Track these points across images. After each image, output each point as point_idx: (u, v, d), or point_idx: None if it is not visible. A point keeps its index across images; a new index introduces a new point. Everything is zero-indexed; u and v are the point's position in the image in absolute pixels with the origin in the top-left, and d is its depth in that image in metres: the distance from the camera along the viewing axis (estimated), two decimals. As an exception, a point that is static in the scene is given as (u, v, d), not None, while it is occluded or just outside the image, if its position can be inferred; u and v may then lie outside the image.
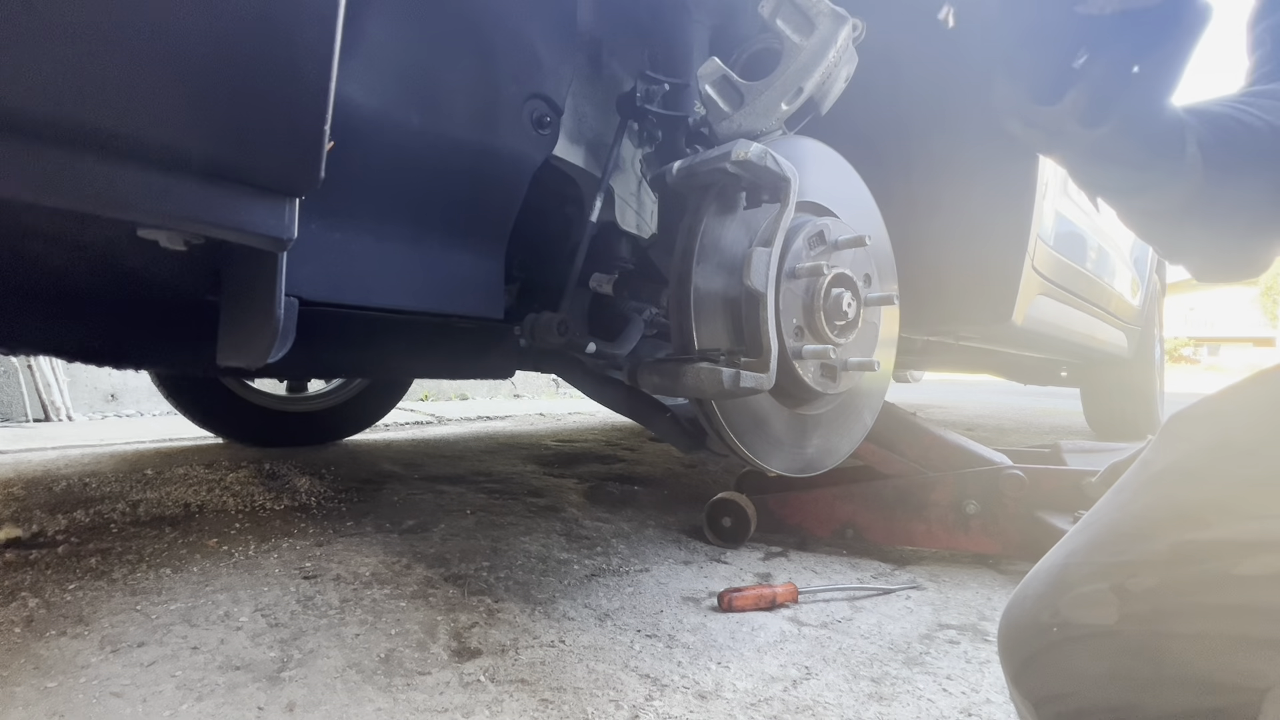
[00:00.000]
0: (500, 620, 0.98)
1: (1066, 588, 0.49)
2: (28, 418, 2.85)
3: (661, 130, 1.03)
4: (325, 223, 0.77)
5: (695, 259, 0.84)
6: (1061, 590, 0.49)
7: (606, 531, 1.45)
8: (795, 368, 0.87)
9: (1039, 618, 0.49)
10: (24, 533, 1.23)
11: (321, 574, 1.11)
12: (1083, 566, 0.49)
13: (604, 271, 1.11)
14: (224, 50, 0.47)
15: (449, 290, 0.89)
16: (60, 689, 0.74)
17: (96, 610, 0.94)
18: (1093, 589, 0.47)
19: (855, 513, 1.39)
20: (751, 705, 0.79)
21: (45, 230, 0.69)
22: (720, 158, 0.82)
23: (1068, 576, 0.49)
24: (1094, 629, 0.46)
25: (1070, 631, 0.47)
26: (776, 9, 0.88)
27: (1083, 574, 0.49)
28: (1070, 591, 0.48)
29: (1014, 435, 3.53)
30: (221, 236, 0.51)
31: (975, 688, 0.86)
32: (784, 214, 0.82)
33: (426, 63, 0.82)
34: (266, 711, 0.72)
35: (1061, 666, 0.48)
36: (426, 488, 1.74)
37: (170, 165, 0.47)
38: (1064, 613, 0.48)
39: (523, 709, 0.75)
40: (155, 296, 0.93)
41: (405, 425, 2.98)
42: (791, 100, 0.88)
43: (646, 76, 0.99)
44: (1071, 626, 0.47)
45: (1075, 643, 0.47)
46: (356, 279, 0.81)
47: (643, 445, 2.66)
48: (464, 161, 0.87)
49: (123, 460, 1.86)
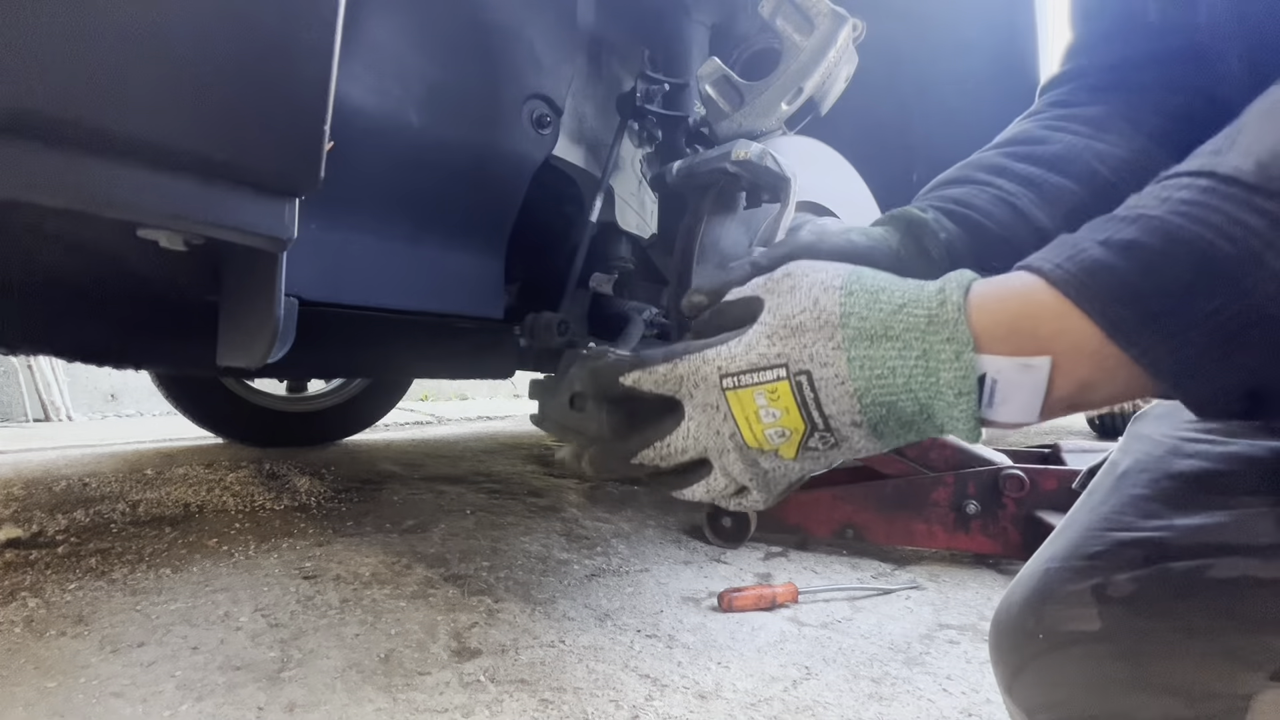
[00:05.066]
0: (500, 620, 0.98)
1: (1049, 594, 0.48)
2: (28, 418, 2.85)
3: (661, 130, 1.04)
4: (325, 223, 0.77)
5: (695, 259, 0.84)
6: (1044, 597, 0.48)
7: (606, 531, 1.45)
8: (795, 368, 0.87)
9: (1025, 625, 0.48)
10: (24, 533, 1.23)
11: (321, 574, 1.11)
12: (1062, 571, 0.48)
13: (604, 271, 1.11)
14: (224, 50, 0.47)
15: (449, 290, 0.89)
16: (60, 689, 0.74)
17: (96, 610, 0.94)
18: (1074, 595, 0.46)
19: (855, 513, 1.39)
20: (751, 705, 0.79)
21: (45, 230, 0.69)
22: (720, 158, 0.82)
23: (1049, 582, 0.48)
24: (1078, 635, 0.45)
25: (1056, 640, 0.46)
26: (776, 9, 0.88)
27: (1063, 578, 0.48)
28: (1053, 597, 0.47)
29: (1014, 435, 3.53)
30: (221, 236, 0.51)
31: (975, 688, 0.86)
32: (784, 214, 0.82)
33: (426, 63, 0.82)
34: (266, 711, 0.72)
35: (1050, 676, 0.47)
36: (426, 488, 1.74)
37: (170, 165, 0.47)
38: (1048, 620, 0.47)
39: (523, 709, 0.75)
40: (155, 297, 0.93)
41: (405, 425, 2.98)
42: (791, 100, 0.88)
43: (646, 76, 0.99)
44: (1056, 634, 0.46)
45: (1061, 651, 0.46)
46: (356, 279, 0.81)
47: (643, 445, 2.66)
48: (464, 161, 0.87)
49: (123, 460, 1.86)
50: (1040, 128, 0.54)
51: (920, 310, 0.34)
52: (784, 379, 0.35)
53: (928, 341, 0.33)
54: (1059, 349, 0.31)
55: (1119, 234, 0.30)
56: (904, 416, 0.34)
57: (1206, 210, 0.28)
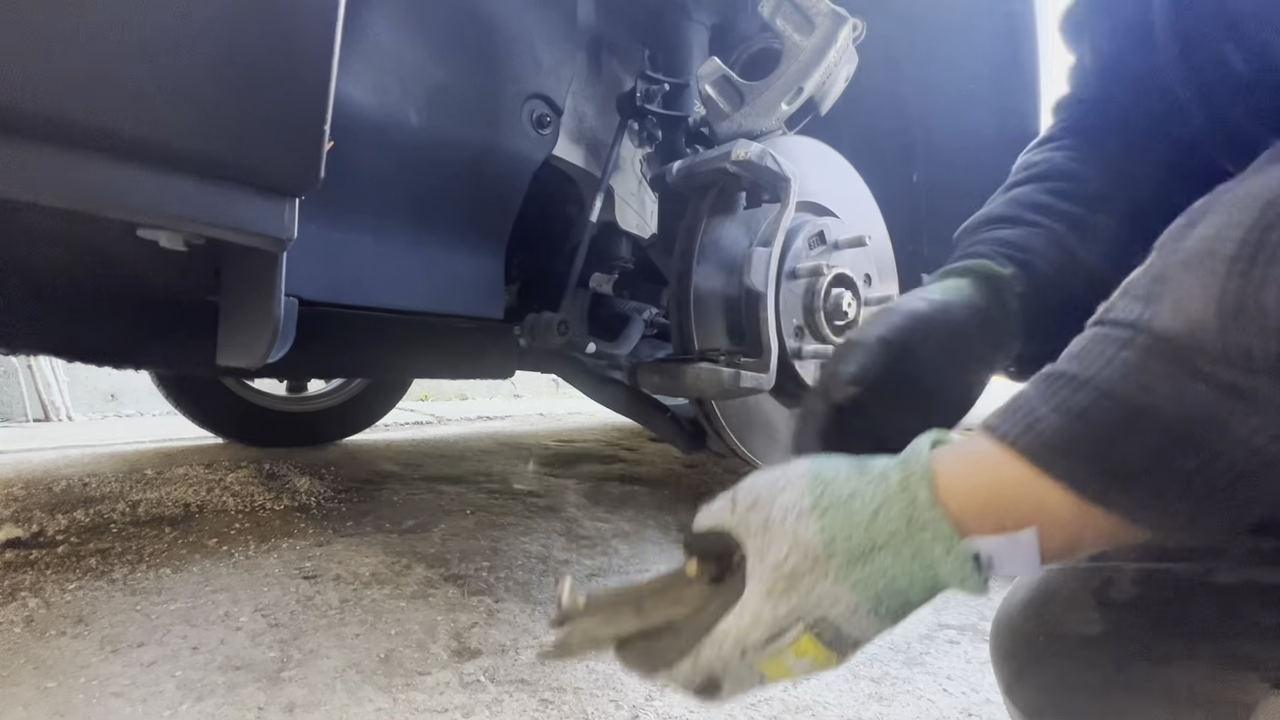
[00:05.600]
0: (500, 620, 0.98)
1: (1050, 595, 0.48)
2: (28, 418, 2.85)
3: (661, 130, 1.03)
4: (325, 223, 0.77)
5: (695, 259, 0.84)
6: (1046, 598, 0.48)
7: (606, 531, 1.45)
8: (795, 367, 0.87)
9: (1025, 627, 0.48)
10: (24, 533, 1.23)
11: (321, 574, 1.11)
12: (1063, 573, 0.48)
13: (604, 271, 1.11)
14: (224, 50, 0.47)
15: (449, 290, 0.89)
16: (60, 689, 0.74)
17: (96, 610, 0.94)
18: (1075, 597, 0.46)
19: (855, 513, 1.39)
20: (751, 705, 0.79)
21: (46, 230, 0.69)
22: (720, 158, 0.82)
23: (1050, 584, 0.48)
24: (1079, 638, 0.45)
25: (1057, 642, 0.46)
26: (776, 9, 0.88)
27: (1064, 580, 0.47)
28: (1054, 599, 0.47)
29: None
30: (222, 236, 0.51)
31: (975, 688, 0.86)
32: (784, 214, 0.82)
33: (427, 62, 0.82)
34: (266, 711, 0.72)
35: (1051, 678, 0.46)
36: (426, 488, 1.74)
37: (170, 165, 0.47)
38: (1049, 622, 0.47)
39: (523, 709, 0.75)
40: (155, 297, 0.93)
41: (405, 425, 2.98)
42: (791, 100, 0.88)
43: (646, 76, 0.99)
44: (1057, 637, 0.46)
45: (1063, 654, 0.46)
46: (356, 279, 0.81)
47: (643, 445, 2.66)
48: (464, 161, 0.87)
49: (123, 460, 1.86)
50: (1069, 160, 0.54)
51: (896, 512, 0.34)
52: (804, 633, 0.35)
53: (915, 542, 0.33)
54: (1042, 520, 0.32)
55: (1073, 400, 0.31)
56: (918, 601, 0.35)
57: (1154, 377, 0.29)
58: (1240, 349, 0.27)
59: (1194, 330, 0.28)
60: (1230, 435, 0.28)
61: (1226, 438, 0.28)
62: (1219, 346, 0.28)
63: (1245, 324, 0.27)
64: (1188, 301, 0.29)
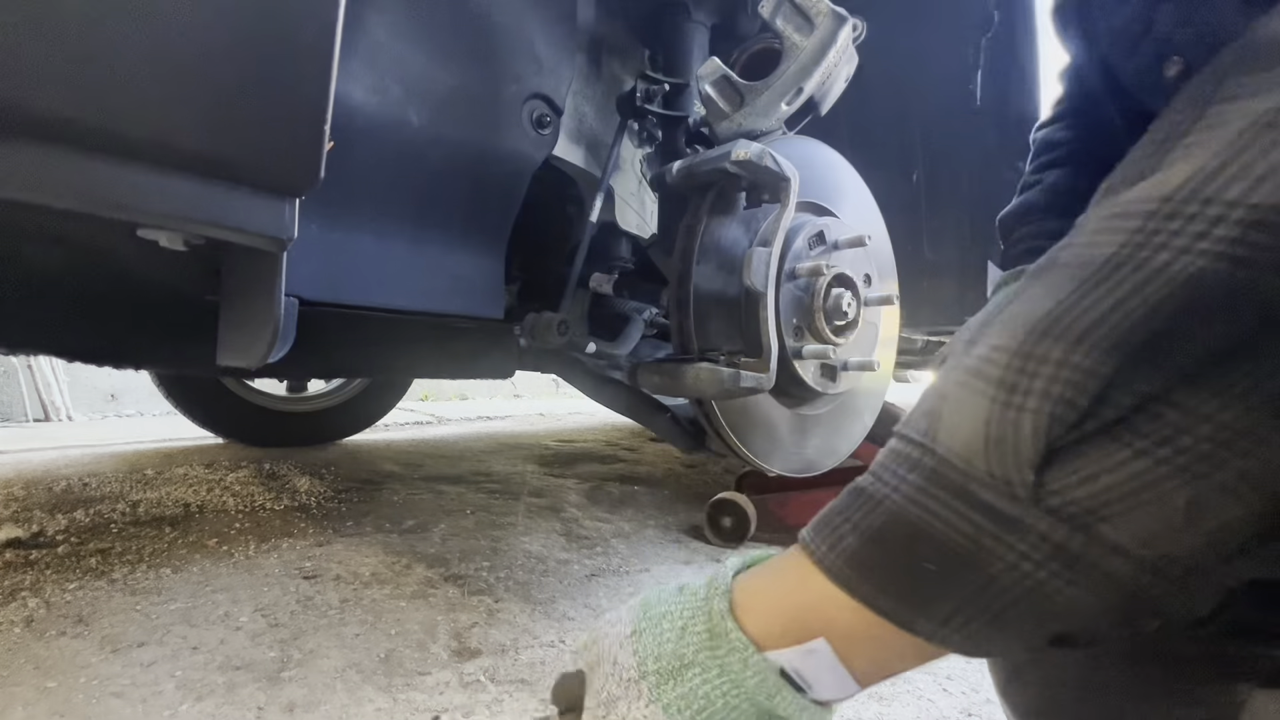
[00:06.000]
0: (500, 620, 0.98)
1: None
2: (28, 418, 2.85)
3: (661, 130, 1.03)
4: (325, 223, 0.77)
5: (695, 259, 0.84)
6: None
7: (606, 531, 1.45)
8: (795, 368, 0.87)
9: None
10: (24, 533, 1.23)
11: (321, 574, 1.11)
12: None
13: (604, 271, 1.11)
14: (224, 50, 0.47)
15: (449, 290, 0.89)
16: (60, 689, 0.74)
17: (96, 610, 0.94)
18: None
19: (855, 513, 1.39)
20: (751, 705, 0.79)
21: (45, 230, 0.69)
22: (720, 158, 0.82)
23: None
24: None
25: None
26: (776, 9, 0.88)
27: None
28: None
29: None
30: (221, 237, 0.51)
31: (975, 688, 0.86)
32: (784, 214, 0.82)
33: (427, 62, 0.81)
34: (266, 711, 0.72)
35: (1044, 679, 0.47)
36: (426, 488, 1.74)
37: (170, 165, 0.47)
38: None
39: (523, 709, 0.75)
40: (155, 297, 0.93)
41: (405, 425, 2.98)
42: (791, 100, 0.88)
43: (646, 76, 0.99)
44: None
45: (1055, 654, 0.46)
46: (356, 279, 0.81)
47: (643, 445, 2.66)
48: (464, 161, 0.87)
49: (123, 460, 1.86)
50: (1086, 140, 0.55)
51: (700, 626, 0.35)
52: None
53: (718, 658, 0.34)
54: (834, 634, 0.33)
55: (867, 522, 0.33)
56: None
57: (936, 503, 0.30)
58: (1003, 478, 0.29)
59: (968, 456, 0.30)
60: (1002, 560, 0.29)
61: (999, 562, 0.29)
62: (986, 474, 0.29)
63: (1004, 454, 0.28)
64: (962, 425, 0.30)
